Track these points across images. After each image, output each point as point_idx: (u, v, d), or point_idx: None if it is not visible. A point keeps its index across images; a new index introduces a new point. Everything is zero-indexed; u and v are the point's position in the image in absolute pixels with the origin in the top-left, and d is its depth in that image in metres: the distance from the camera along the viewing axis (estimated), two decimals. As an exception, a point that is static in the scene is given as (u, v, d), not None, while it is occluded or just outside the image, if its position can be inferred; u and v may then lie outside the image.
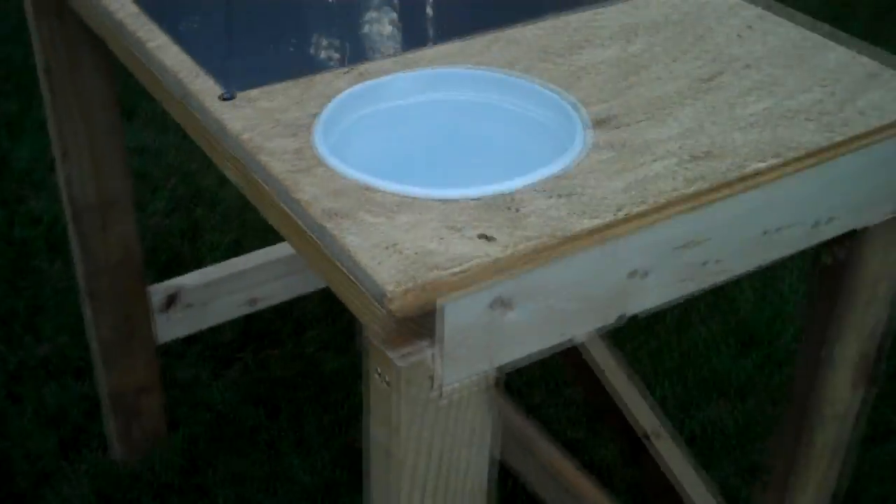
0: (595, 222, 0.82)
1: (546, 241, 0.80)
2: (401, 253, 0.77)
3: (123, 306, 1.73)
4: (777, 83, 1.03)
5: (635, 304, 0.90)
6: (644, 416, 1.53)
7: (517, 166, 0.88)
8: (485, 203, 0.83)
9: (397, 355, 0.77)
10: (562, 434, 1.91)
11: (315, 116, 0.93)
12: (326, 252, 0.80)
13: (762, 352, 2.12)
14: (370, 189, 0.84)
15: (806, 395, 1.16)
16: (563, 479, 1.68)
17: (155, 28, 1.07)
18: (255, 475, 1.84)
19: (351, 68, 1.01)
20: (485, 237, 0.80)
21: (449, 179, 0.90)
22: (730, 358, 2.10)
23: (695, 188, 0.86)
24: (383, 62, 1.03)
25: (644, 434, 1.51)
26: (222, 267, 1.85)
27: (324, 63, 1.02)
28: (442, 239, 0.79)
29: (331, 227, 0.80)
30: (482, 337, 0.81)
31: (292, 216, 0.84)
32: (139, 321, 1.75)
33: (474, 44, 1.07)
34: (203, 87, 0.97)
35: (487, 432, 0.87)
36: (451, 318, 0.77)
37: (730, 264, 0.94)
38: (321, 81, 0.99)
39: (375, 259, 0.77)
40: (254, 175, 0.88)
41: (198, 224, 2.45)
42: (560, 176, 0.87)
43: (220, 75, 0.98)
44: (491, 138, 0.98)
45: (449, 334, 0.78)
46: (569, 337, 0.87)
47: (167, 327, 1.79)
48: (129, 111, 2.85)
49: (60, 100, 1.52)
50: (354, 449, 1.89)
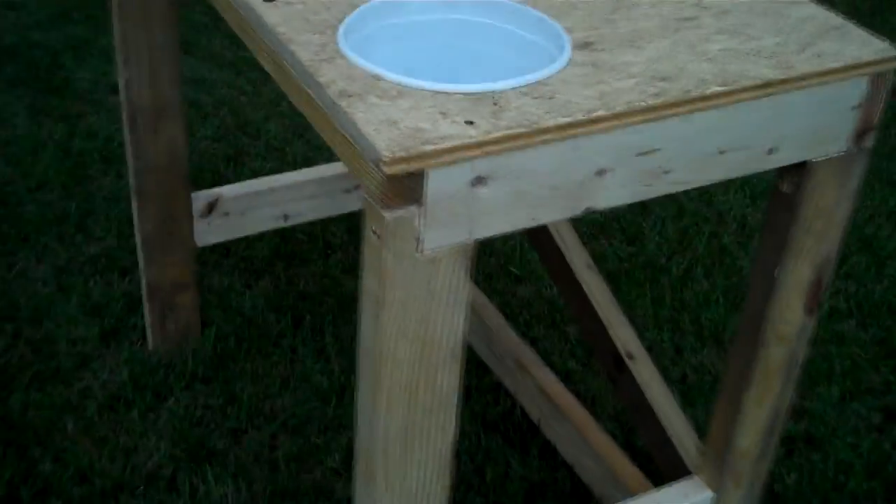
0: (564, 120, 0.97)
1: (520, 130, 0.95)
2: (398, 128, 0.93)
3: (167, 207, 1.90)
4: (747, 27, 1.17)
5: (600, 200, 1.05)
6: (625, 339, 1.68)
7: (508, 76, 1.04)
8: (473, 97, 0.99)
9: (388, 212, 0.93)
10: (558, 364, 2.07)
11: (341, 20, 1.09)
12: (337, 125, 0.96)
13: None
14: (379, 78, 1.00)
15: (758, 315, 1.31)
16: (555, 401, 1.84)
17: (213, -59, 1.23)
18: (275, 374, 2.01)
19: (378, -14, 1.17)
20: (469, 122, 0.95)
21: (448, 80, 1.06)
22: (726, 311, 2.24)
23: (653, 102, 1.01)
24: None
25: (627, 354, 1.66)
26: (260, 182, 2.03)
27: (354, -21, 1.18)
28: (433, 121, 0.95)
29: (343, 105, 0.96)
30: (462, 209, 0.97)
31: (312, 96, 1.00)
32: (180, 223, 1.93)
33: (488, -25, 1.22)
34: (248, -10, 1.13)
35: (464, 296, 1.03)
36: (435, 185, 0.93)
37: (685, 175, 1.09)
38: (350, -6, 1.15)
39: (376, 131, 0.93)
40: (284, 62, 1.05)
41: (242, 151, 2.63)
42: (541, 82, 1.02)
43: (265, -18, 1.14)
44: (491, 54, 1.13)
45: (432, 198, 0.94)
46: (539, 221, 1.03)
47: (205, 231, 1.97)
48: (189, 46, 3.03)
49: (128, 10, 1.69)
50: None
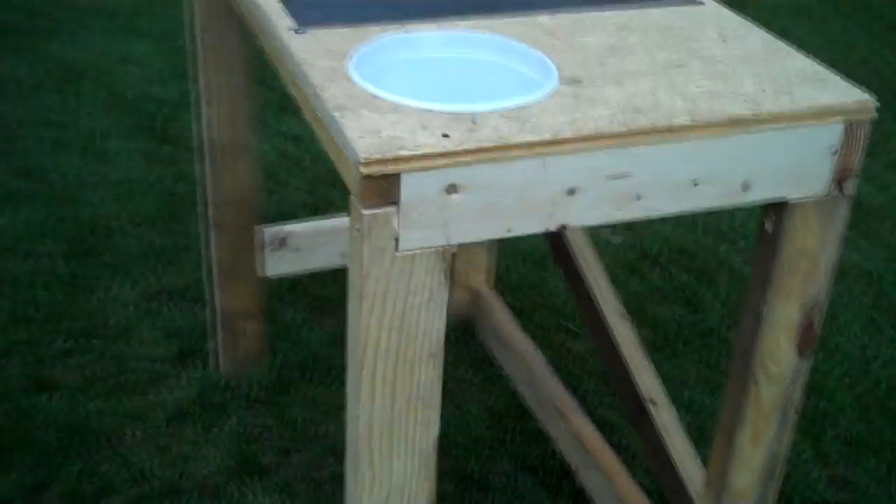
0: (533, 138, 1.08)
1: (489, 144, 1.07)
2: (379, 136, 1.06)
3: (239, 239, 2.07)
4: (732, 73, 1.26)
5: (573, 218, 1.15)
6: (650, 386, 1.75)
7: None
8: (454, 116, 1.11)
9: (366, 209, 1.06)
10: (602, 416, 2.13)
11: (356, 49, 1.23)
12: (332, 132, 1.10)
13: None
14: (375, 97, 1.13)
15: (747, 352, 1.37)
16: (590, 450, 1.91)
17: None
18: (330, 402, 2.14)
19: (401, 25, 1.31)
20: (445, 135, 1.07)
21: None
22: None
23: (619, 129, 1.12)
24: (427, 24, 1.32)
25: (650, 400, 1.73)
26: (328, 222, 2.18)
27: (379, 18, 1.32)
28: (413, 132, 1.07)
29: (337, 116, 1.09)
30: (437, 213, 1.08)
31: (314, 109, 1.14)
32: (250, 254, 2.09)
33: (502, 21, 1.35)
34: (282, 24, 1.29)
35: (442, 298, 1.14)
36: (408, 188, 1.05)
37: (658, 202, 1.18)
38: (373, 30, 1.29)
39: (360, 137, 1.06)
40: (298, 81, 1.19)
41: (328, 202, 2.80)
42: (521, 107, 1.14)
43: (300, 18, 1.30)
44: (491, 87, 1.25)
45: (406, 200, 1.06)
46: (514, 232, 1.13)
47: (273, 264, 2.12)
48: (289, 104, 3.24)
49: (210, 58, 1.88)
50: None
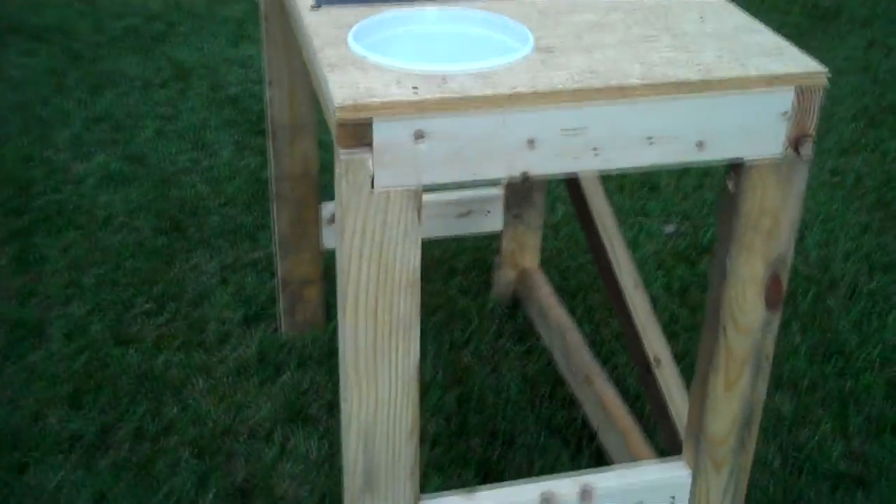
0: (493, 92, 1.24)
1: (452, 96, 1.23)
2: (357, 88, 1.23)
3: (299, 211, 2.27)
4: (696, 46, 1.39)
5: (534, 167, 1.30)
6: (658, 347, 1.87)
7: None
8: (428, 74, 1.27)
9: (344, 151, 1.23)
10: (631, 386, 2.25)
11: (358, 21, 1.41)
12: (321, 86, 1.28)
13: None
14: (363, 59, 1.31)
15: (717, 301, 1.49)
16: (610, 412, 2.03)
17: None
18: (378, 365, 2.31)
19: (411, 5, 1.49)
20: (415, 88, 1.24)
21: (427, 68, 1.34)
22: (809, 363, 2.34)
23: (577, 87, 1.26)
24: (432, 3, 1.49)
25: (655, 359, 1.85)
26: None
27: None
28: (387, 86, 1.24)
29: (327, 72, 1.27)
30: (408, 157, 1.25)
31: (313, 67, 1.32)
32: (310, 226, 2.29)
33: (503, 2, 1.51)
34: (304, 3, 1.48)
35: (416, 233, 1.30)
36: (380, 132, 1.22)
37: (614, 157, 1.31)
38: (382, 8, 1.47)
39: (340, 88, 1.23)
40: (306, 47, 1.38)
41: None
42: (489, 69, 1.30)
43: (318, -4, 1.49)
44: (476, 57, 1.41)
45: (378, 144, 1.23)
46: (479, 177, 1.29)
47: (331, 236, 2.31)
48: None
49: (272, 40, 2.09)
50: (461, 366, 2.32)
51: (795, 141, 1.38)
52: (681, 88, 1.30)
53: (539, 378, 2.27)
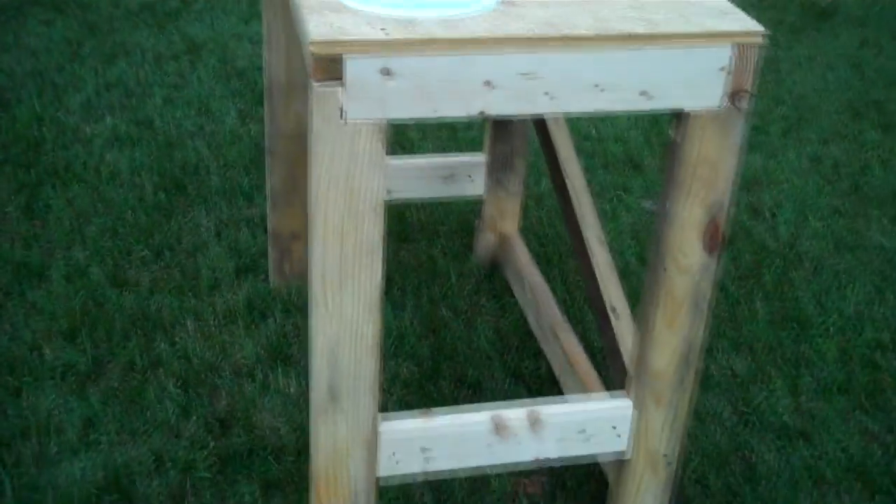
0: (454, 34, 1.37)
1: (416, 37, 1.36)
2: (330, 28, 1.37)
3: (290, 167, 2.41)
4: (651, 7, 1.52)
5: (490, 107, 1.43)
6: (615, 298, 2.00)
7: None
8: (397, 18, 1.41)
9: (318, 84, 1.36)
10: (594, 341, 2.38)
11: (340, -27, 1.55)
12: (301, 27, 1.41)
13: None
14: (343, 5, 1.44)
15: (660, 241, 1.62)
16: (572, 360, 2.16)
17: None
18: (359, 316, 2.45)
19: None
20: (383, 30, 1.37)
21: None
22: (768, 329, 2.47)
23: (533, 35, 1.39)
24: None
25: (612, 309, 1.98)
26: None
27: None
28: (359, 27, 1.38)
29: (307, 16, 1.41)
30: (375, 92, 1.38)
31: (294, 12, 1.46)
32: (301, 182, 2.43)
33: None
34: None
35: (381, 163, 1.43)
36: (351, 68, 1.35)
37: (565, 101, 1.45)
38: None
39: (315, 28, 1.37)
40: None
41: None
42: (455, 17, 1.43)
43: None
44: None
45: (349, 78, 1.36)
46: (440, 113, 1.42)
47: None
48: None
49: (270, 5, 2.23)
50: (437, 319, 2.46)
51: (733, 95, 1.51)
52: (627, 40, 1.43)
53: (510, 332, 2.41)
